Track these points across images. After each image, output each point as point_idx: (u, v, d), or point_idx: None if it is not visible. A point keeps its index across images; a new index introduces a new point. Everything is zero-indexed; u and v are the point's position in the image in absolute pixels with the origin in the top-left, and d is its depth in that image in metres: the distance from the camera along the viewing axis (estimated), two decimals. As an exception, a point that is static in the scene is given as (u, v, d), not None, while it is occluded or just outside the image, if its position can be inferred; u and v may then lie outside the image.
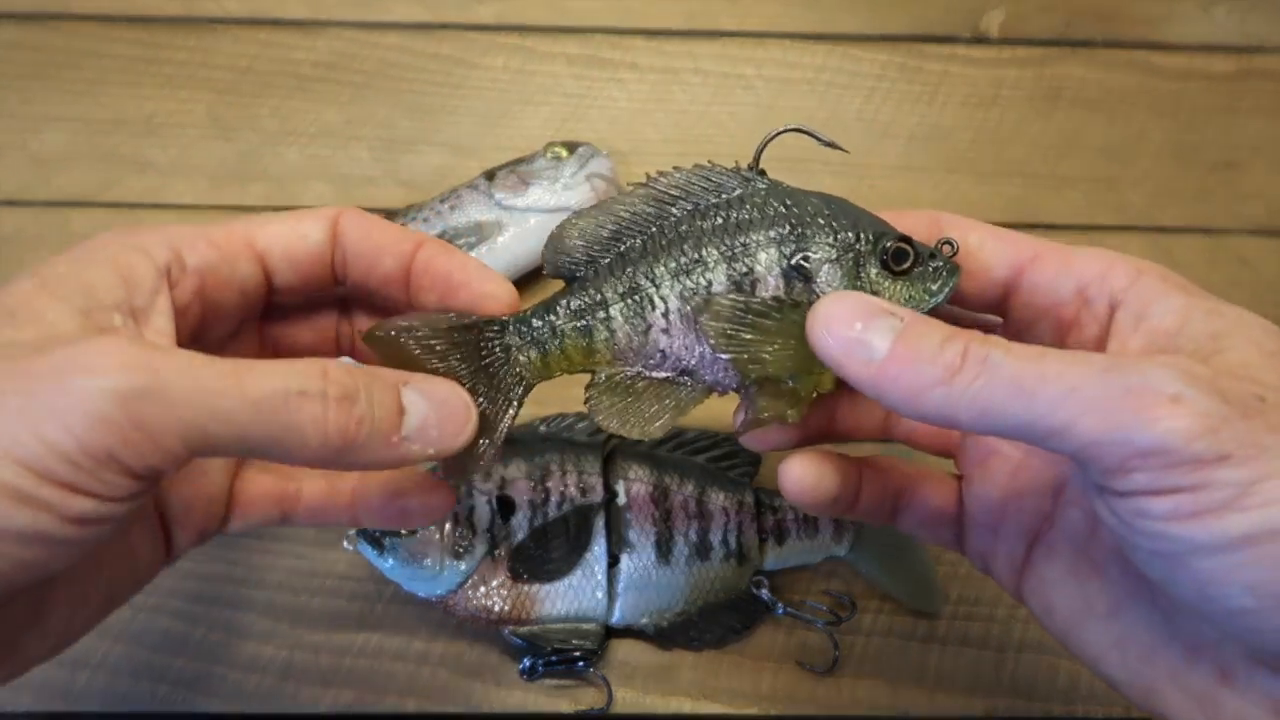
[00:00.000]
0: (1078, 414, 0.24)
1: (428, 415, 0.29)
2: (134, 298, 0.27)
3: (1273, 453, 0.23)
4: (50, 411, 0.23)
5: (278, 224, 0.32)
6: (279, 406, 0.26)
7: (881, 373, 0.27)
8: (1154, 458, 0.23)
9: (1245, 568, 0.23)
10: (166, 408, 0.24)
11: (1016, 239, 0.31)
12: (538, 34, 0.63)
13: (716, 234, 0.31)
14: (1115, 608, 0.29)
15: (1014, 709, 0.47)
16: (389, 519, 0.36)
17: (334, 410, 0.26)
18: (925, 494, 0.35)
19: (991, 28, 0.64)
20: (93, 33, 0.62)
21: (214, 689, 0.46)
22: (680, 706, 0.47)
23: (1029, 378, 0.24)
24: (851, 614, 0.48)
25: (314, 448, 0.26)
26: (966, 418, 0.25)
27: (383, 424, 0.28)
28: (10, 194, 0.57)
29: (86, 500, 0.24)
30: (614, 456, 0.48)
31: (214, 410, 0.25)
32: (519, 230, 0.53)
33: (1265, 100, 0.62)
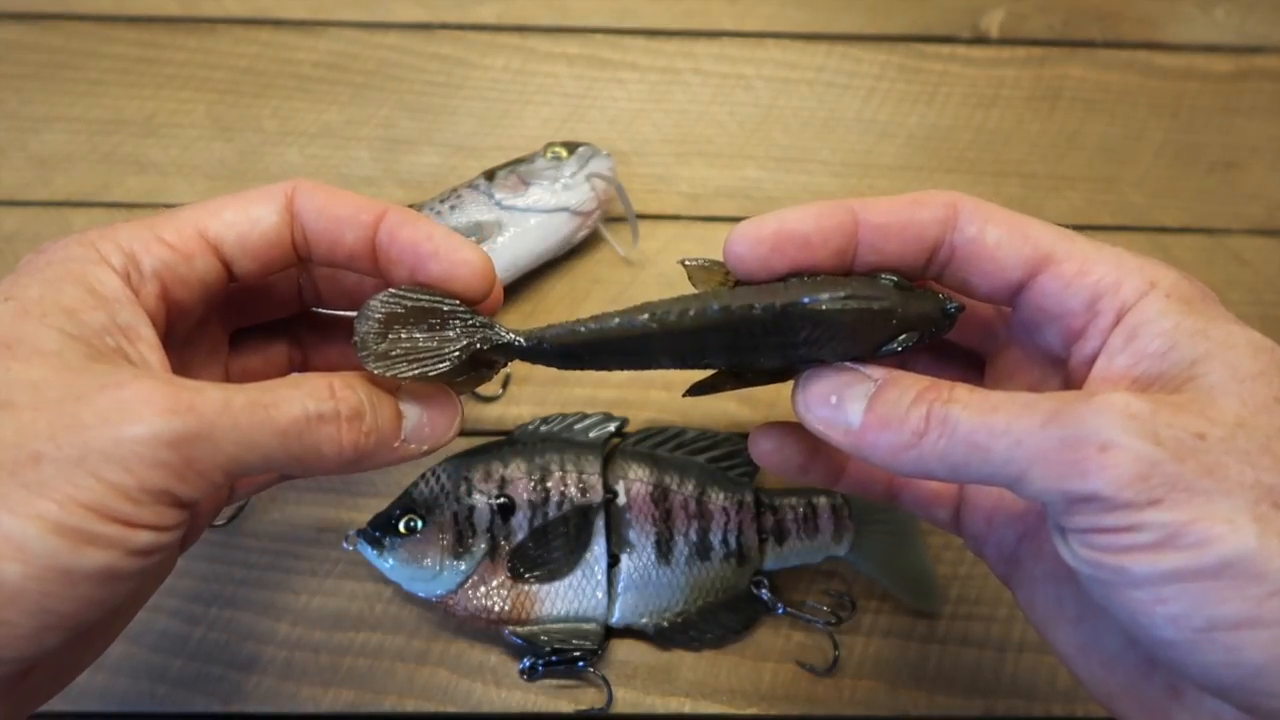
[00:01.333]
0: (1025, 467, 0.25)
1: (421, 418, 0.32)
2: (116, 315, 0.28)
3: (1202, 496, 0.23)
4: (108, 458, 0.25)
5: (230, 210, 0.32)
6: (303, 432, 0.28)
7: (860, 440, 0.29)
8: (1091, 503, 0.24)
9: (1169, 602, 0.24)
10: (212, 447, 0.26)
11: (1036, 238, 0.30)
12: (538, 34, 0.63)
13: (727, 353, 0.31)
14: (1082, 614, 0.30)
15: (1014, 709, 0.47)
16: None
17: (346, 429, 0.29)
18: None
19: (991, 28, 0.64)
20: (93, 33, 0.62)
21: (214, 689, 0.46)
22: (680, 706, 0.47)
23: (981, 435, 0.26)
24: (851, 614, 0.48)
25: (331, 462, 0.29)
26: (941, 473, 0.27)
27: (386, 433, 0.31)
28: (10, 194, 0.57)
29: (146, 533, 0.26)
30: (614, 456, 0.48)
31: (250, 444, 0.27)
32: (519, 230, 0.53)
33: (1265, 100, 0.62)
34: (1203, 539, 0.23)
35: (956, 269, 0.31)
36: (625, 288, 0.56)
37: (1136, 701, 0.29)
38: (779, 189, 0.59)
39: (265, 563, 0.49)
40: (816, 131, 0.61)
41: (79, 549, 0.25)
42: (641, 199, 0.58)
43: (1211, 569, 0.23)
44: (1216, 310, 0.28)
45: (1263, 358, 0.26)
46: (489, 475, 0.47)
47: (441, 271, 0.32)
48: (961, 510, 0.36)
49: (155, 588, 0.34)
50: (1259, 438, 0.24)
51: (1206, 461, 0.24)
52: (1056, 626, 0.31)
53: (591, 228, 0.55)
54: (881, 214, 0.30)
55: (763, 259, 0.30)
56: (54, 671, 0.30)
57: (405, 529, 0.45)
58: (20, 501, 0.24)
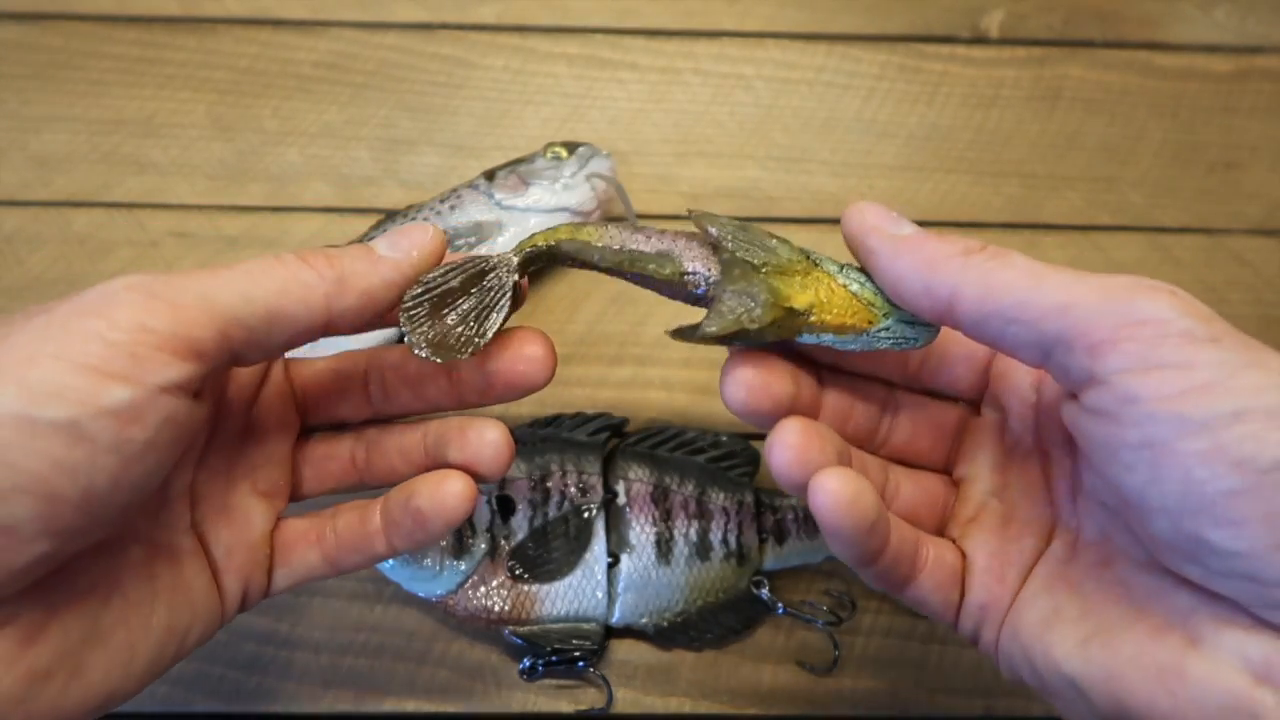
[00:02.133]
0: (1082, 293, 0.25)
1: (392, 237, 0.31)
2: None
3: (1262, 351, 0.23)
4: (73, 311, 0.25)
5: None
6: (267, 267, 0.28)
7: (906, 241, 0.28)
8: (1146, 327, 0.24)
9: (1233, 445, 0.23)
10: (176, 287, 0.26)
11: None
12: (538, 34, 0.63)
13: None
14: (1087, 611, 0.29)
15: (1014, 709, 0.47)
16: (410, 531, 0.34)
17: (313, 256, 0.30)
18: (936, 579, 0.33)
19: (991, 28, 0.64)
20: (93, 33, 0.62)
21: (214, 689, 0.46)
22: (680, 706, 0.47)
23: (1040, 269, 0.26)
24: (851, 614, 0.48)
25: (316, 285, 0.29)
26: (971, 293, 0.27)
27: (356, 252, 0.31)
28: (10, 194, 0.57)
29: (123, 386, 0.24)
30: (614, 456, 0.48)
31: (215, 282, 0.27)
32: (519, 230, 0.53)
33: (1265, 100, 0.62)
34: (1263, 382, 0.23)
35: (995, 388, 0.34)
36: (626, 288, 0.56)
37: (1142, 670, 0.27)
38: (779, 189, 0.59)
39: (265, 563, 0.49)
40: (816, 131, 0.61)
41: (40, 399, 0.23)
42: (641, 199, 0.58)
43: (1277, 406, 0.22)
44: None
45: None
46: (489, 475, 0.47)
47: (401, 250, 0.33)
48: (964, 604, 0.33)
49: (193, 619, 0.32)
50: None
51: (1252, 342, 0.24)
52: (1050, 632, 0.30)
53: (591, 228, 0.55)
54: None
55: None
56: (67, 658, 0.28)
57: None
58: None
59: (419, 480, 0.34)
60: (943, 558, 0.33)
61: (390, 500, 0.35)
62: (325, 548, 0.35)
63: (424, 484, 0.33)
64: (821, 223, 0.58)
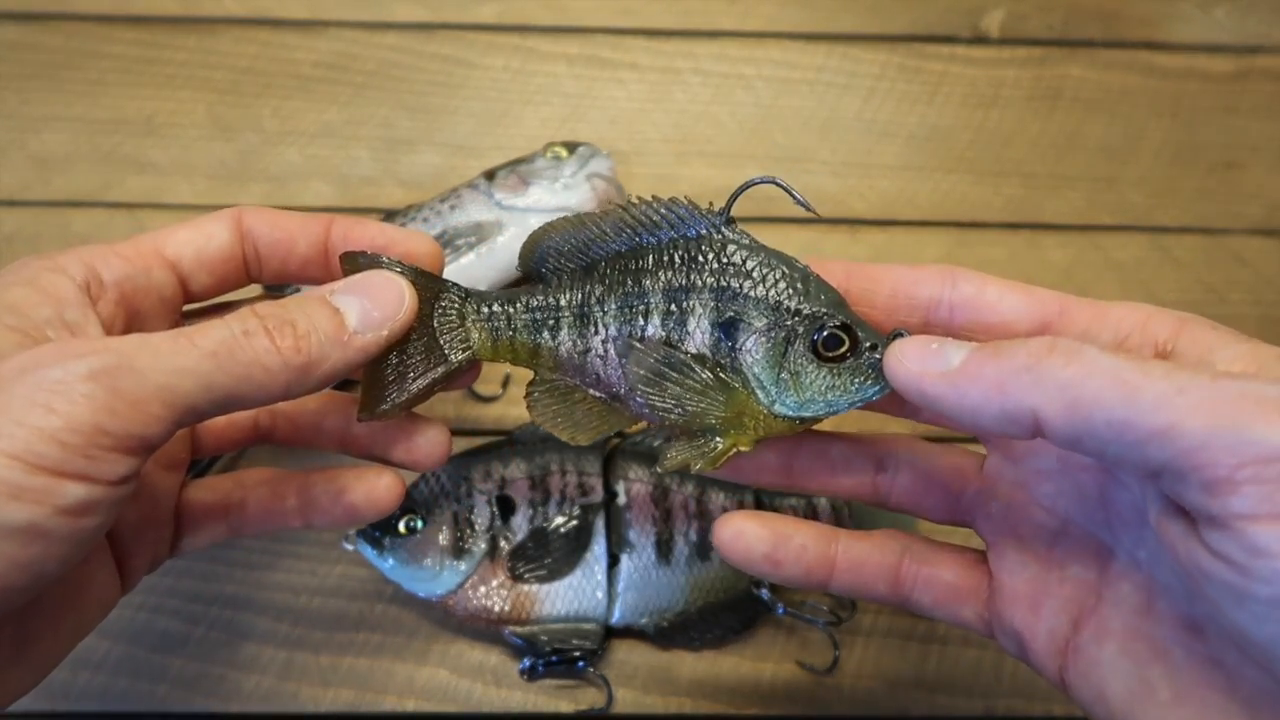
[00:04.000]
0: (1186, 413, 0.21)
1: (363, 304, 0.30)
2: (64, 313, 0.28)
3: None
4: (30, 400, 0.24)
5: (184, 231, 0.33)
6: (233, 349, 0.27)
7: (961, 372, 0.25)
8: (1271, 466, 0.20)
9: None
10: (138, 376, 0.25)
11: (1039, 294, 0.29)
12: (538, 34, 0.63)
13: (665, 272, 0.31)
14: (1182, 694, 0.26)
15: (1014, 709, 0.47)
16: (338, 519, 0.36)
17: (280, 338, 0.28)
18: (937, 568, 0.32)
19: (991, 28, 0.64)
20: (93, 33, 0.62)
21: (214, 689, 0.46)
22: (680, 706, 0.47)
23: (1129, 372, 0.22)
24: (851, 614, 0.48)
25: (279, 373, 0.28)
26: (1054, 410, 0.23)
27: (327, 330, 0.29)
28: (10, 194, 0.57)
29: (78, 485, 0.24)
30: (614, 456, 0.48)
31: (178, 369, 0.26)
32: (519, 230, 0.53)
33: (1265, 100, 0.62)
34: None
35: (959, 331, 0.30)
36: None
37: None
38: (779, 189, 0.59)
39: (265, 563, 0.49)
40: (816, 131, 0.61)
41: (5, 502, 0.23)
42: (641, 199, 0.58)
43: None
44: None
45: None
46: (489, 475, 0.47)
47: (400, 255, 0.33)
48: (995, 601, 0.31)
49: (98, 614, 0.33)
50: None
51: None
52: (1143, 713, 0.27)
53: (591, 228, 0.55)
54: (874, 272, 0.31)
55: None
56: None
57: (405, 529, 0.45)
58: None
59: (350, 476, 0.35)
60: (937, 576, 0.32)
61: (315, 488, 0.35)
62: (232, 520, 0.36)
63: (358, 481, 0.35)
64: (821, 223, 0.58)
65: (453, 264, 0.52)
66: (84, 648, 0.46)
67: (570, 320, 0.33)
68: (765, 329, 0.30)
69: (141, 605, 0.47)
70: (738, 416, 0.31)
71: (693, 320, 0.31)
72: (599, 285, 0.32)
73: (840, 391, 0.30)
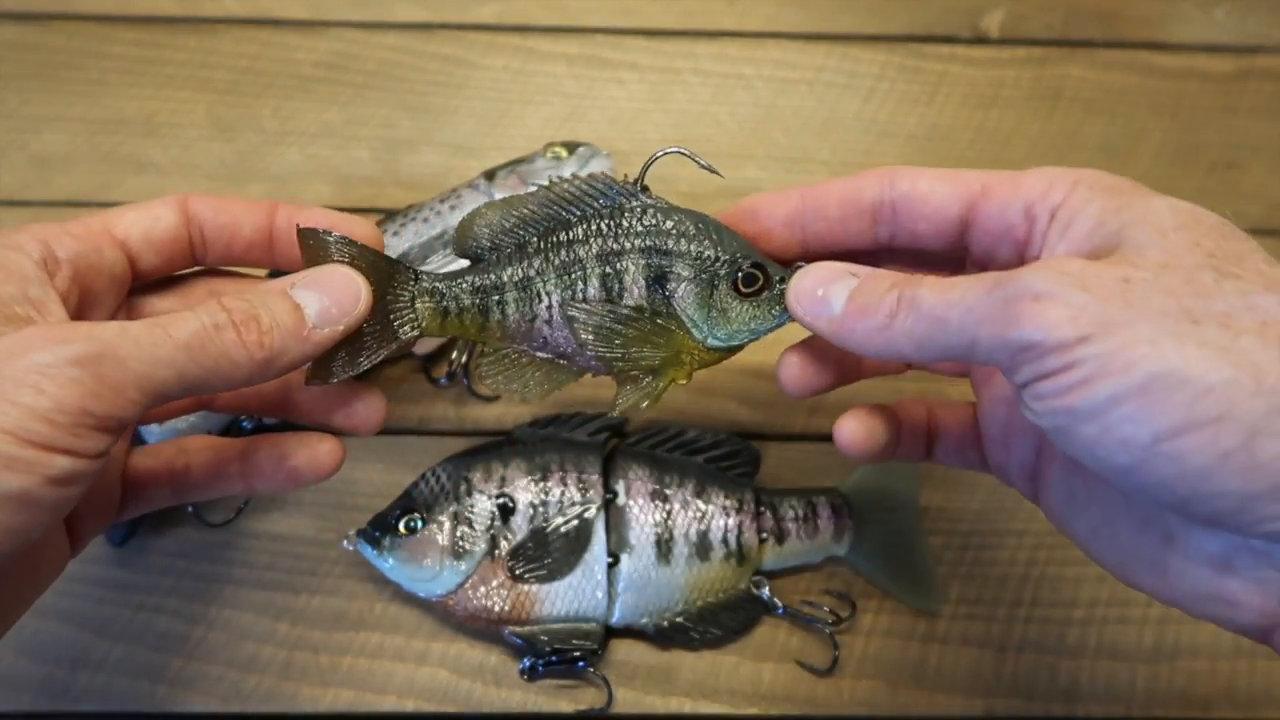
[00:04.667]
0: (975, 330, 0.28)
1: (321, 300, 0.33)
2: (27, 290, 0.30)
3: (1125, 326, 0.25)
4: (20, 382, 0.26)
5: (131, 212, 0.35)
6: (204, 342, 0.30)
7: (840, 325, 0.31)
8: (1029, 350, 0.26)
9: (1114, 428, 0.26)
10: (119, 364, 0.28)
11: (965, 178, 0.33)
12: (538, 34, 0.63)
13: (596, 240, 0.35)
14: (1090, 497, 0.32)
15: (1014, 709, 0.47)
16: (281, 483, 0.37)
17: (246, 331, 0.31)
18: (950, 424, 0.38)
19: (991, 28, 0.64)
20: (93, 33, 0.62)
21: (214, 689, 0.46)
22: (680, 706, 0.47)
23: (940, 308, 0.29)
24: (851, 614, 0.48)
25: (245, 365, 0.31)
26: (909, 351, 0.30)
27: (289, 325, 0.32)
28: (10, 194, 0.57)
29: (64, 458, 0.27)
30: (614, 456, 0.48)
31: (155, 359, 0.28)
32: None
33: (1265, 100, 0.62)
34: (1129, 361, 0.25)
35: (903, 223, 0.34)
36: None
37: (1141, 561, 0.30)
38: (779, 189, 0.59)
39: (265, 563, 0.49)
40: (816, 131, 0.61)
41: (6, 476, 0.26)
42: (641, 199, 0.58)
43: (1141, 386, 0.25)
44: (1140, 191, 0.30)
45: (1181, 214, 0.28)
46: (489, 475, 0.47)
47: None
48: (984, 446, 0.37)
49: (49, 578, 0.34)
50: (1181, 273, 0.26)
51: (1130, 298, 0.26)
52: (1073, 518, 0.33)
53: (591, 228, 0.55)
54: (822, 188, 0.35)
55: None
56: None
57: (405, 529, 0.45)
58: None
59: (292, 441, 0.37)
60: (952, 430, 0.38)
61: (258, 453, 0.37)
62: (175, 486, 0.38)
63: (300, 446, 0.37)
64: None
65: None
66: (84, 648, 0.46)
67: (514, 293, 0.36)
68: (692, 277, 0.35)
69: (141, 605, 0.47)
70: (676, 355, 0.35)
71: (627, 278, 0.35)
72: (537, 258, 0.35)
73: (761, 320, 0.35)
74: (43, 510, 0.27)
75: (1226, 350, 0.25)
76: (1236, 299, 0.26)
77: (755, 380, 0.53)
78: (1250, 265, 0.27)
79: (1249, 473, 0.25)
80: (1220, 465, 0.25)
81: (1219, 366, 0.24)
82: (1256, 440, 0.24)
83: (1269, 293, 0.26)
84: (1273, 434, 0.24)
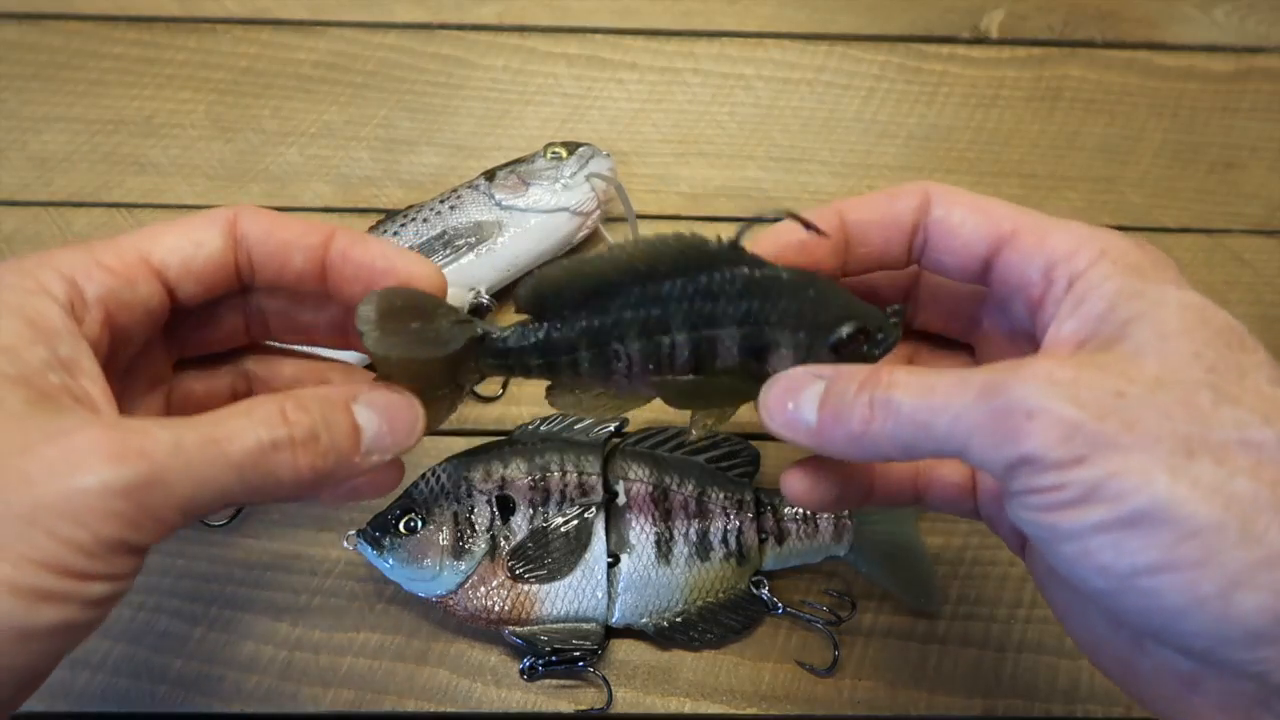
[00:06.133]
0: (965, 440, 0.27)
1: (380, 426, 0.31)
2: (57, 349, 0.27)
3: (1120, 451, 0.25)
4: (61, 514, 0.25)
5: (172, 236, 0.32)
6: (258, 461, 0.28)
7: (819, 436, 0.30)
8: (1024, 467, 0.26)
9: (1095, 554, 0.25)
10: (166, 491, 0.26)
11: (997, 214, 0.32)
12: (538, 34, 0.63)
13: (685, 303, 0.33)
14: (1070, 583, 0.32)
15: (1014, 709, 0.47)
16: (340, 497, 0.37)
17: (302, 454, 0.29)
18: (943, 474, 0.37)
19: (991, 28, 0.64)
20: (93, 33, 0.62)
21: (214, 689, 0.46)
22: (680, 706, 0.47)
23: (923, 414, 0.28)
24: (851, 614, 0.48)
25: (289, 488, 0.29)
26: (895, 454, 0.29)
27: (345, 450, 0.30)
28: (10, 194, 0.57)
29: (101, 584, 0.26)
30: (614, 456, 0.48)
31: (204, 482, 0.27)
32: (519, 230, 0.53)
33: (1265, 100, 0.62)
34: (1120, 492, 0.25)
35: (931, 252, 0.33)
36: (625, 288, 0.56)
37: (1112, 654, 0.31)
38: (779, 189, 0.59)
39: (265, 562, 0.49)
40: (816, 131, 0.61)
41: (35, 607, 0.25)
42: (641, 199, 0.58)
43: (1128, 519, 0.25)
44: (1163, 275, 0.29)
45: (1188, 315, 0.27)
46: (489, 475, 0.47)
47: (401, 279, 0.33)
48: (978, 498, 0.37)
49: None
50: (1176, 392, 0.26)
51: (1126, 418, 0.25)
52: (1050, 589, 0.33)
53: (591, 228, 0.55)
54: (863, 210, 0.33)
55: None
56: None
57: (405, 529, 0.45)
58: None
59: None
60: (946, 479, 0.37)
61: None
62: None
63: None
64: (821, 223, 0.58)
65: (453, 264, 0.52)
66: (84, 648, 0.46)
67: (589, 354, 0.34)
68: (790, 346, 0.33)
69: (141, 605, 0.47)
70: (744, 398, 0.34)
71: (721, 347, 0.33)
72: (613, 316, 0.33)
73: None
74: (81, 630, 0.26)
75: (1218, 491, 0.24)
76: (1233, 430, 0.25)
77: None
78: (1251, 385, 0.26)
79: (1224, 621, 0.24)
80: (1196, 609, 0.24)
81: (1209, 510, 0.24)
82: (1236, 591, 0.24)
83: (1266, 426, 0.25)
84: (1253, 586, 0.24)
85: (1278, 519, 0.24)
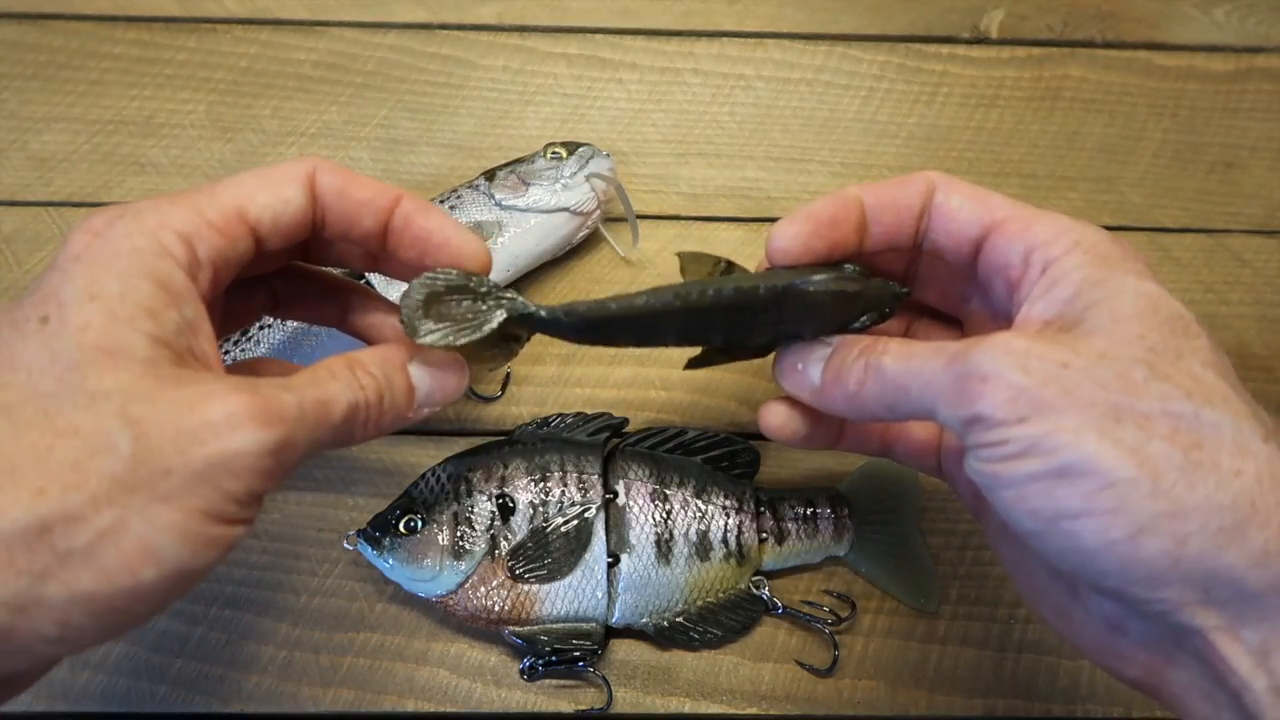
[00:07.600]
0: (934, 400, 0.31)
1: (431, 384, 0.36)
2: (183, 311, 0.30)
3: (1056, 413, 0.28)
4: (225, 469, 0.28)
5: (263, 193, 0.33)
6: (351, 421, 0.32)
7: (821, 396, 0.36)
8: (977, 424, 0.30)
9: (1028, 499, 0.29)
10: (294, 450, 0.30)
11: (992, 202, 0.35)
12: (538, 34, 0.63)
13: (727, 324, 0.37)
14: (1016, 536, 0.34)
15: (1014, 709, 0.47)
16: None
17: (374, 412, 0.33)
18: (911, 430, 0.41)
19: (991, 28, 0.64)
20: (93, 33, 0.62)
21: (214, 689, 0.46)
22: (680, 706, 0.47)
23: (902, 377, 0.32)
24: (851, 614, 0.48)
25: (358, 439, 0.34)
26: (882, 413, 0.33)
27: (401, 407, 0.35)
28: (10, 194, 0.57)
29: (241, 528, 0.29)
30: (614, 456, 0.48)
31: (316, 441, 0.31)
32: (519, 230, 0.53)
33: (1265, 100, 0.62)
34: (1053, 447, 0.28)
35: (931, 233, 0.36)
36: (625, 288, 0.55)
37: (1051, 602, 0.34)
38: (779, 189, 0.59)
39: (265, 563, 0.49)
40: (816, 131, 0.61)
41: (200, 552, 0.28)
42: (641, 199, 0.58)
43: (1058, 470, 0.28)
44: (1128, 266, 0.32)
45: (1141, 303, 0.30)
46: (489, 475, 0.47)
47: (448, 259, 0.35)
48: (941, 457, 0.40)
49: None
50: (1115, 367, 0.29)
51: (1065, 385, 0.29)
52: (1000, 545, 0.37)
53: (591, 228, 0.55)
54: (879, 194, 0.36)
55: (805, 243, 0.35)
56: None
57: (405, 529, 0.45)
58: (156, 514, 0.27)
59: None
60: (913, 435, 0.40)
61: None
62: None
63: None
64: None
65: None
66: (84, 648, 0.46)
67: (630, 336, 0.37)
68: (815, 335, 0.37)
69: (141, 605, 0.47)
70: None
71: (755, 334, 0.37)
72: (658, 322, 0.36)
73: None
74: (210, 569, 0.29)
75: (1136, 451, 0.28)
76: (1158, 402, 0.28)
77: (755, 380, 0.53)
78: (1185, 366, 0.29)
79: (1130, 562, 0.28)
80: (1106, 551, 0.28)
81: (1126, 465, 0.27)
82: (1141, 535, 0.27)
83: (1188, 400, 0.28)
84: (1156, 533, 0.27)
85: (1184, 478, 0.27)
